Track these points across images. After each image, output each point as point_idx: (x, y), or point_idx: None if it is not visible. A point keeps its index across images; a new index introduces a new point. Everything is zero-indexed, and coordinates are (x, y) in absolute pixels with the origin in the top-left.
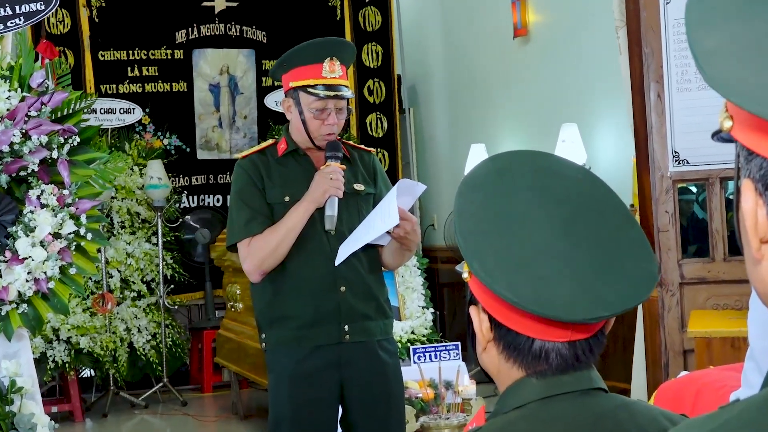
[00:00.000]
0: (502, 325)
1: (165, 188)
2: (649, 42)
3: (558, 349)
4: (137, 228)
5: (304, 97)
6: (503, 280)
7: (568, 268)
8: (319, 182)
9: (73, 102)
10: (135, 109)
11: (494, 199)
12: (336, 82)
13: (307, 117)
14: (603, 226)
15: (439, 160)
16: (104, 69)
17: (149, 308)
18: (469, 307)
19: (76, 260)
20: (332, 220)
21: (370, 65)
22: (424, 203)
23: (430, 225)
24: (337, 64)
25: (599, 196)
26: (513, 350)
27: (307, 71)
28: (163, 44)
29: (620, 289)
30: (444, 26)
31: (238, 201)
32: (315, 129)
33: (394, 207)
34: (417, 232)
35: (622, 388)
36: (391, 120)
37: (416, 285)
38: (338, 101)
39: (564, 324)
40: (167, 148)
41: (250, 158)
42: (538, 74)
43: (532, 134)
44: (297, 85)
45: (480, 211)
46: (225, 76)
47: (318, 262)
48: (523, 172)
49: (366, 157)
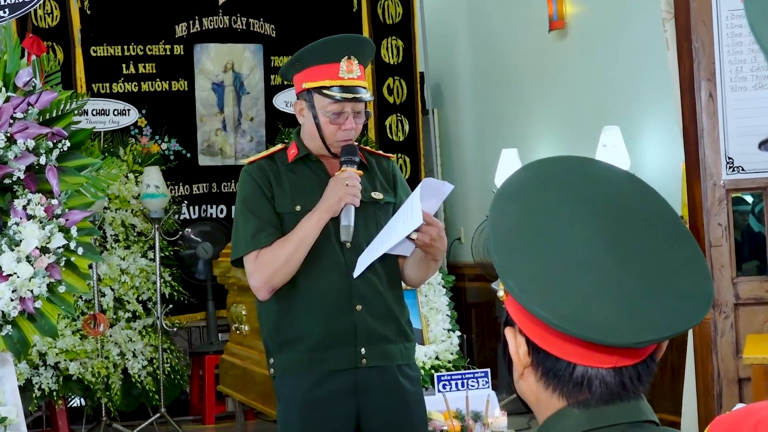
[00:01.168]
0: (541, 349)
1: (163, 198)
2: (699, 36)
3: (602, 376)
4: (132, 242)
5: (319, 100)
6: (540, 299)
7: (613, 287)
8: (333, 189)
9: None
10: (130, 110)
11: (532, 211)
12: (354, 83)
13: (321, 121)
14: (653, 239)
15: (466, 166)
16: (97, 66)
17: (145, 330)
18: (504, 328)
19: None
20: (348, 231)
21: (390, 62)
22: (450, 215)
23: (457, 239)
24: (355, 63)
25: (649, 207)
26: (552, 377)
27: (322, 71)
28: (162, 39)
29: (671, 310)
30: (472, 18)
31: (245, 211)
32: (330, 134)
33: (418, 208)
34: (443, 238)
35: (670, 421)
36: (413, 122)
37: (441, 305)
38: (356, 104)
39: (608, 348)
40: (166, 153)
41: (257, 164)
42: (576, 71)
43: (569, 138)
44: (311, 87)
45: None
46: (230, 73)
47: (332, 277)
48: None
49: (385, 164)
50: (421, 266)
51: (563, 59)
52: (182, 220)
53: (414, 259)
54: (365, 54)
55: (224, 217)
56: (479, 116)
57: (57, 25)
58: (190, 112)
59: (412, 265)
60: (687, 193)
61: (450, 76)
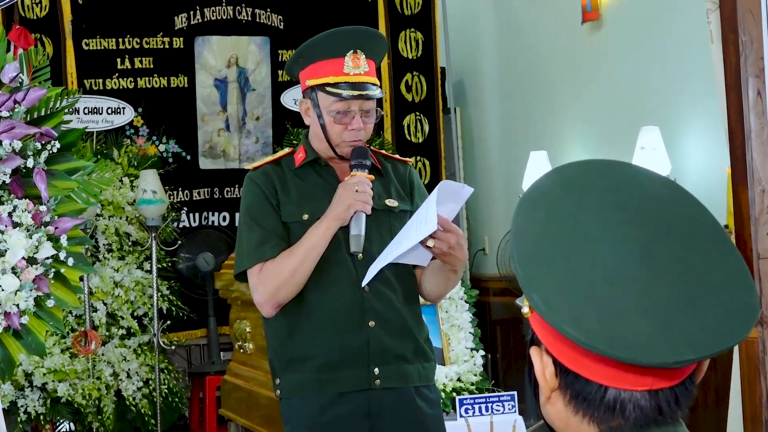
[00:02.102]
0: (569, 371)
1: (161, 204)
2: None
3: (636, 399)
4: (127, 252)
5: (324, 98)
6: (568, 315)
7: (648, 301)
8: (342, 195)
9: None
10: (125, 108)
11: (560, 218)
12: (361, 79)
13: (326, 121)
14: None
15: (490, 170)
16: (89, 60)
17: (141, 349)
18: (529, 348)
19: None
20: (358, 241)
21: (409, 56)
22: (474, 223)
23: (481, 250)
24: (362, 58)
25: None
26: (582, 401)
27: (326, 67)
28: (160, 31)
29: (712, 327)
30: (498, 9)
31: (248, 220)
32: (336, 135)
33: (433, 212)
34: (464, 247)
35: None
36: (433, 122)
37: (463, 322)
38: (364, 102)
39: (643, 369)
40: (164, 155)
41: (262, 169)
42: (612, 67)
43: (604, 140)
44: (315, 84)
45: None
46: (233, 68)
47: (342, 291)
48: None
49: (401, 169)
50: (440, 278)
51: (597, 53)
52: (181, 229)
53: (432, 270)
54: (374, 48)
55: (227, 226)
56: (505, 115)
57: (46, 15)
58: (191, 110)
59: (430, 277)
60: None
61: (473, 72)
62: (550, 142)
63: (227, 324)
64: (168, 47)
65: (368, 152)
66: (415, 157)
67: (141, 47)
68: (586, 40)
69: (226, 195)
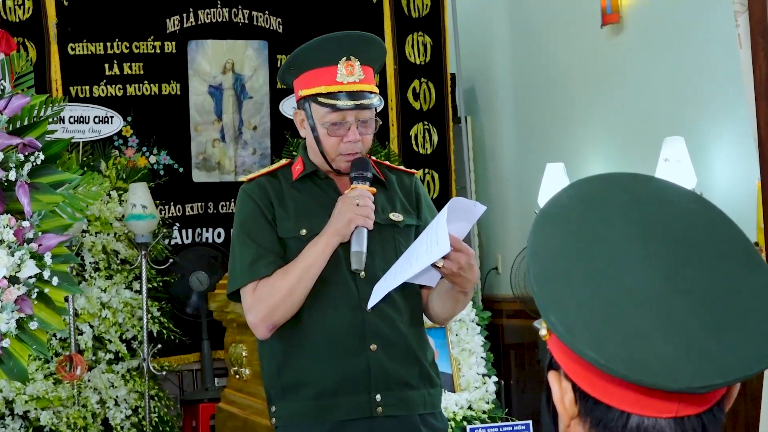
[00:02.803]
0: (590, 397)
1: (151, 219)
2: None
3: (661, 427)
4: (115, 271)
5: (317, 109)
6: (587, 337)
7: (673, 322)
8: (342, 210)
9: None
10: (113, 117)
11: (580, 235)
12: (356, 87)
13: (320, 133)
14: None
15: (504, 184)
16: (75, 66)
17: (129, 374)
18: (547, 372)
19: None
20: (360, 258)
21: (416, 61)
22: (486, 241)
23: (493, 268)
24: (356, 64)
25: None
26: (603, 429)
27: (318, 76)
28: (150, 34)
29: (740, 350)
30: (511, 11)
31: (242, 236)
32: (331, 148)
33: (444, 232)
34: (474, 268)
35: None
36: (442, 132)
37: (475, 346)
38: (360, 112)
39: (668, 394)
40: (154, 167)
41: (257, 181)
42: (633, 72)
43: (625, 151)
44: (307, 94)
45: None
46: (229, 75)
47: (342, 312)
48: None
49: (407, 181)
50: (449, 300)
51: (618, 58)
52: (173, 246)
53: (440, 291)
54: (370, 54)
55: (222, 243)
56: (520, 125)
57: (29, 18)
58: (183, 119)
59: (438, 298)
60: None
61: (486, 79)
62: (568, 154)
63: (222, 348)
64: (159, 52)
65: (369, 163)
66: (423, 170)
67: (130, 52)
68: (606, 44)
69: (221, 210)
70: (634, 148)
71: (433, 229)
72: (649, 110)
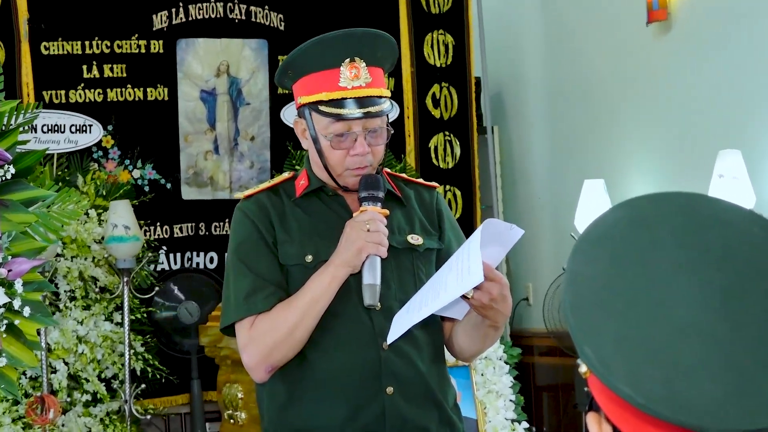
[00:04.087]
0: None
1: (134, 242)
2: None
3: None
4: (93, 300)
5: (318, 119)
6: (624, 372)
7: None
8: (351, 237)
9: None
10: (92, 125)
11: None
12: (362, 92)
13: (323, 146)
14: None
15: (535, 203)
16: (49, 68)
17: (109, 418)
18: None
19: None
20: (374, 292)
21: (436, 63)
22: (516, 267)
23: (524, 299)
24: (362, 66)
25: None
26: None
27: (319, 81)
28: (134, 32)
29: None
30: (544, 7)
31: (237, 262)
32: (336, 162)
33: (477, 259)
34: (508, 299)
35: None
36: (465, 144)
37: (503, 388)
38: (368, 120)
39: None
40: (138, 183)
41: (255, 199)
42: (683, 77)
43: (674, 166)
44: (307, 102)
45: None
46: (224, 78)
47: (355, 349)
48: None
49: (426, 196)
50: (477, 335)
51: (666, 60)
52: (159, 272)
53: (467, 324)
54: (377, 53)
55: (215, 269)
56: (554, 136)
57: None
58: (172, 128)
59: (464, 332)
60: None
61: (515, 83)
62: (608, 169)
63: (214, 388)
64: (145, 52)
65: (381, 181)
66: (444, 186)
67: (112, 52)
68: (652, 44)
69: (214, 231)
70: (684, 162)
71: (464, 255)
72: (702, 119)
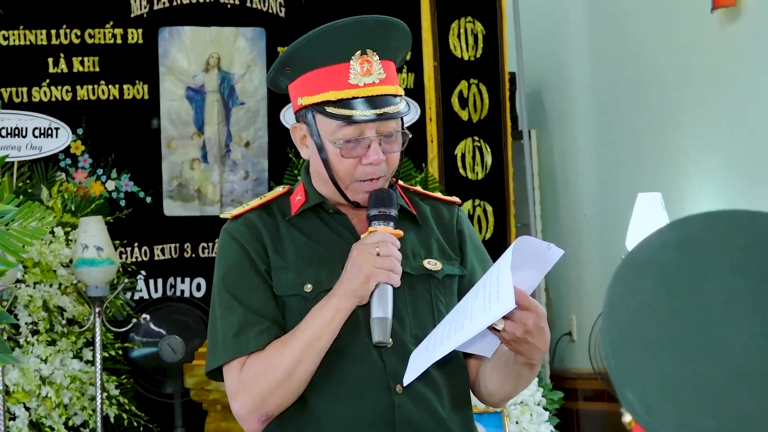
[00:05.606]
0: None
1: (108, 266)
2: None
3: None
4: (59, 334)
5: (325, 123)
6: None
7: None
8: (358, 262)
9: None
10: (59, 129)
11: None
12: (376, 91)
13: (330, 154)
14: None
15: (580, 220)
16: (10, 61)
17: None
18: None
19: None
20: (384, 327)
21: (464, 56)
22: (556, 296)
23: (566, 334)
24: (374, 59)
25: None
26: None
27: (324, 77)
28: (109, 19)
29: None
30: None
31: (225, 294)
32: (346, 173)
33: (508, 283)
34: (545, 332)
35: None
36: (498, 151)
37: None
38: (383, 123)
39: None
40: (113, 196)
41: (245, 219)
42: (754, 72)
43: (743, 177)
44: (310, 103)
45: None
46: (214, 73)
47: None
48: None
49: (445, 213)
50: (508, 374)
51: (734, 53)
52: (137, 302)
53: (497, 363)
54: (390, 43)
55: (202, 297)
56: (602, 141)
57: None
58: (152, 132)
59: (493, 371)
60: None
61: (557, 80)
62: (666, 181)
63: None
64: (121, 42)
65: (394, 196)
66: (472, 201)
67: (82, 42)
68: (717, 34)
69: (201, 253)
70: (755, 173)
71: (493, 279)
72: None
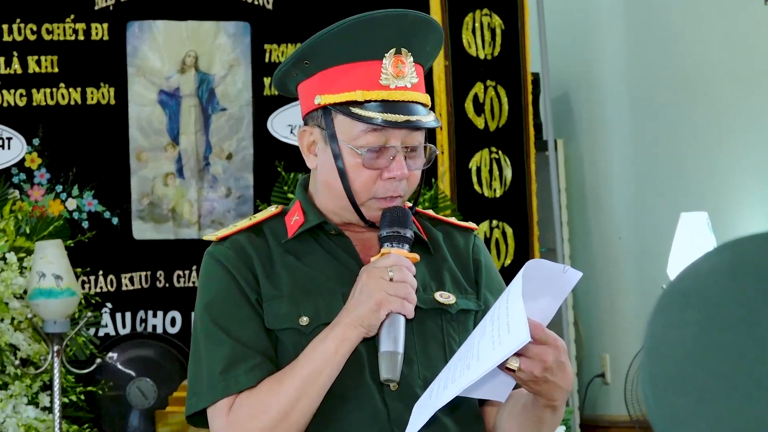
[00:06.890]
0: None
1: (69, 297)
2: None
3: None
4: (12, 377)
5: (346, 126)
6: None
7: None
8: (368, 287)
9: None
10: (12, 139)
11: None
12: (407, 96)
13: (349, 164)
14: None
15: (614, 244)
16: None
17: None
18: None
19: None
20: (394, 362)
21: (479, 55)
22: (586, 330)
23: (598, 376)
24: (408, 61)
25: None
26: None
27: (351, 75)
28: (70, 12)
29: None
30: None
31: (210, 326)
32: (364, 187)
33: (520, 313)
34: (567, 368)
35: None
36: (519, 164)
37: None
38: (410, 134)
39: None
40: (75, 216)
41: (232, 241)
42: None
43: None
44: (331, 103)
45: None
46: (191, 74)
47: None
48: None
49: (460, 241)
50: (528, 420)
51: None
52: (102, 338)
53: (514, 407)
54: (424, 45)
55: (178, 334)
56: (639, 153)
57: None
58: (120, 143)
59: (511, 418)
60: None
61: (587, 83)
62: (713, 198)
63: None
64: (83, 39)
65: (410, 216)
66: (489, 221)
67: (39, 39)
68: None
69: (176, 283)
70: None
71: (502, 310)
72: None
